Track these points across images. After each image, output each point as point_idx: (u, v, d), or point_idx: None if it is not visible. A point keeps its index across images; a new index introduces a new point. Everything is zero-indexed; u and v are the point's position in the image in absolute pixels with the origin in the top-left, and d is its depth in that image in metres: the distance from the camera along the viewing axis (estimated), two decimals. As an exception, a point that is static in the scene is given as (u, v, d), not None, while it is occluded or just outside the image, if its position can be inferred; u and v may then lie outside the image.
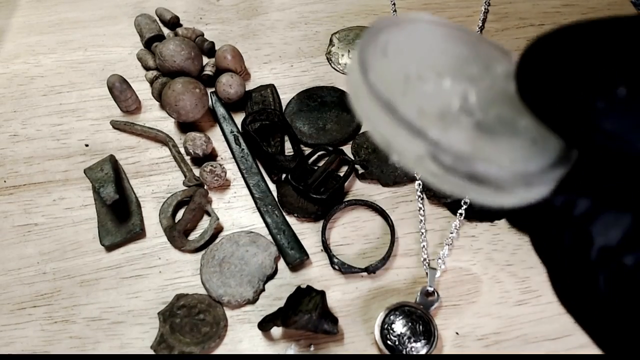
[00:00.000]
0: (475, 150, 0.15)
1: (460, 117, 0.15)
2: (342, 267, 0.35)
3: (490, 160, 0.14)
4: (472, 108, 0.16)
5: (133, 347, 0.34)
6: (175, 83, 0.41)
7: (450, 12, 0.51)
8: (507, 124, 0.16)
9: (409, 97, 0.15)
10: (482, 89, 0.16)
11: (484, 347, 0.33)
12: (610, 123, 0.12)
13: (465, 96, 0.16)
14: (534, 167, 0.15)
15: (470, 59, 0.18)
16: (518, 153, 0.15)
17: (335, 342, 0.33)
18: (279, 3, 0.52)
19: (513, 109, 0.16)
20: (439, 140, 0.14)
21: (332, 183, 0.39)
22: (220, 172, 0.39)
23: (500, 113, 0.16)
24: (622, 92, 0.12)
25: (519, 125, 0.16)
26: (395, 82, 0.16)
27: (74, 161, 0.42)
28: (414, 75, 0.16)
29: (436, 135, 0.14)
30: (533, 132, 0.15)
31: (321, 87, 0.45)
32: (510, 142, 0.15)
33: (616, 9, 0.51)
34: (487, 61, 0.18)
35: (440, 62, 0.17)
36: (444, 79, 0.16)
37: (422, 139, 0.14)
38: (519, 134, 0.16)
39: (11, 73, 0.48)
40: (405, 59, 0.17)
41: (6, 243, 0.38)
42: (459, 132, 0.15)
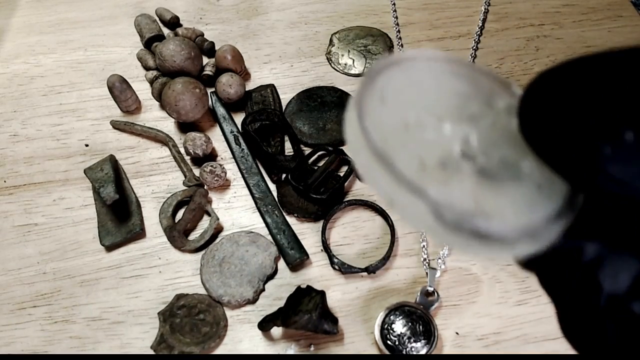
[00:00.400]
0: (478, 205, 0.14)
1: (462, 165, 0.15)
2: (342, 267, 0.35)
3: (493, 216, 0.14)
4: (474, 152, 0.15)
5: (133, 347, 0.34)
6: (175, 83, 0.41)
7: (450, 12, 0.51)
8: (511, 167, 0.15)
9: (408, 148, 0.15)
10: (484, 128, 0.16)
11: (484, 347, 0.33)
12: (617, 169, 0.12)
13: (466, 139, 0.16)
14: (539, 216, 0.14)
15: (470, 95, 0.17)
16: (522, 201, 0.15)
17: (335, 342, 0.33)
18: (279, 3, 0.52)
19: (516, 149, 0.15)
20: (440, 199, 0.14)
21: (332, 183, 0.39)
22: (220, 172, 0.39)
23: (503, 155, 0.16)
24: (630, 137, 0.12)
25: (522, 168, 0.15)
26: (394, 132, 0.16)
27: (74, 161, 0.42)
28: (413, 122, 0.16)
29: (437, 193, 0.14)
30: (537, 175, 0.15)
31: (321, 87, 0.45)
32: (514, 189, 0.15)
33: (616, 8, 0.51)
34: (488, 96, 0.17)
35: (440, 103, 0.17)
36: (444, 123, 0.16)
37: (423, 199, 0.14)
38: (522, 179, 0.15)
39: (11, 73, 0.48)
40: (404, 104, 0.16)
41: (6, 243, 0.38)
42: (461, 184, 0.15)
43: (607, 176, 0.12)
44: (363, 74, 0.47)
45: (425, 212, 0.14)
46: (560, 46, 0.48)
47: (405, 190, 0.14)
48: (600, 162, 0.12)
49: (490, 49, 0.48)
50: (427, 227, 0.14)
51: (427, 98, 0.17)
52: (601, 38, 0.49)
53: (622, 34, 0.49)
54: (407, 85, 0.17)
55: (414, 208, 0.14)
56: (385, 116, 0.16)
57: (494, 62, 0.47)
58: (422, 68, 0.18)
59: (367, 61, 0.47)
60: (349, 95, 0.45)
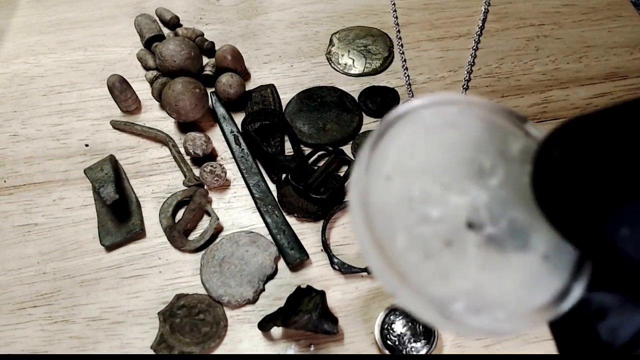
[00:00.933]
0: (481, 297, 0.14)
1: (467, 239, 0.15)
2: (342, 267, 0.35)
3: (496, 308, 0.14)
4: (482, 220, 0.15)
5: (133, 347, 0.34)
6: (175, 83, 0.41)
7: (450, 12, 0.51)
8: (519, 232, 0.15)
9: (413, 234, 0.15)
10: (494, 187, 0.16)
11: (484, 347, 0.33)
12: (633, 249, 0.12)
13: (475, 206, 0.15)
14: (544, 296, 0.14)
15: (482, 143, 0.16)
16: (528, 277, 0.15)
17: (335, 342, 0.33)
18: (279, 3, 0.52)
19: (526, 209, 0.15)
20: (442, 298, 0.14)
21: (332, 183, 0.39)
22: (220, 172, 0.39)
23: (512, 217, 0.15)
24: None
25: (531, 234, 0.15)
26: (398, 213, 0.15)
27: (74, 161, 0.42)
28: (418, 197, 0.15)
29: (437, 290, 0.14)
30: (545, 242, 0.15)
31: (321, 87, 0.45)
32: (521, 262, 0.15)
33: (616, 8, 0.51)
34: (501, 141, 0.17)
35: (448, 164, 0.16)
36: (450, 192, 0.15)
37: (425, 299, 0.14)
38: (530, 248, 0.15)
39: (11, 73, 0.48)
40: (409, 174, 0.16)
41: (6, 243, 0.38)
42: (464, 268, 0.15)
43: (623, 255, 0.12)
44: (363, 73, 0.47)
45: (427, 308, 0.14)
46: (560, 46, 0.48)
47: (407, 289, 0.14)
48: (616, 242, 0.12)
49: (490, 49, 0.48)
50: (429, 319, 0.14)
51: (433, 159, 0.16)
52: (601, 38, 0.49)
53: (622, 34, 0.49)
54: (413, 144, 0.16)
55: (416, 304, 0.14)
56: (389, 195, 0.15)
57: (494, 62, 0.47)
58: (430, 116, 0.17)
59: (367, 61, 0.47)
60: (349, 95, 0.45)
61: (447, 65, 0.47)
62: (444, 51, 0.48)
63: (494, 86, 0.46)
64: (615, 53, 0.48)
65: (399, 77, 0.46)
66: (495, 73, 0.46)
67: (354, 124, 0.43)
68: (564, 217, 0.13)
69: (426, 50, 0.48)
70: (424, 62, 0.47)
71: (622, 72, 0.46)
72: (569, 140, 0.13)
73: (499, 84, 0.46)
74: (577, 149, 0.12)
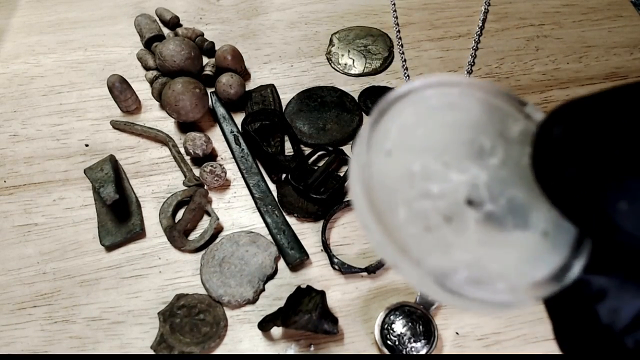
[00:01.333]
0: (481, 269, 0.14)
1: (467, 214, 0.15)
2: (342, 267, 0.35)
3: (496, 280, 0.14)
4: (482, 197, 0.15)
5: (133, 347, 0.34)
6: (175, 83, 0.41)
7: (450, 12, 0.51)
8: (518, 211, 0.15)
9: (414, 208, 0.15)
10: (494, 167, 0.16)
11: (484, 347, 0.33)
12: (631, 224, 0.12)
13: (475, 184, 0.15)
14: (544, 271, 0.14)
15: (482, 124, 0.17)
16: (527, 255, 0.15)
17: (335, 342, 0.33)
18: (279, 3, 0.52)
19: (526, 187, 0.15)
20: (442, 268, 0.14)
21: (332, 183, 0.39)
22: (220, 172, 0.39)
23: (511, 196, 0.15)
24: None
25: (530, 212, 0.15)
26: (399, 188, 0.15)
27: (74, 161, 0.42)
28: (418, 173, 0.16)
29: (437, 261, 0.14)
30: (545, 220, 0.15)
31: (321, 87, 0.45)
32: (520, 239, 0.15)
33: (616, 8, 0.51)
34: (501, 122, 0.17)
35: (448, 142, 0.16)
36: (450, 169, 0.16)
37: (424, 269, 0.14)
38: (529, 226, 0.15)
39: (11, 73, 0.48)
40: (409, 151, 0.16)
41: (6, 243, 0.38)
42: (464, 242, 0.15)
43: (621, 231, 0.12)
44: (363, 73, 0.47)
45: (427, 279, 0.14)
46: (560, 46, 0.48)
47: (408, 260, 0.14)
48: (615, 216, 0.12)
49: (490, 49, 0.48)
50: (430, 292, 0.14)
51: (434, 138, 0.16)
52: (601, 38, 0.49)
53: (622, 34, 0.49)
54: (414, 123, 0.16)
55: (415, 274, 0.14)
56: (390, 170, 0.16)
57: (494, 62, 0.47)
58: (430, 97, 0.17)
59: (367, 61, 0.47)
60: (349, 95, 0.45)
61: (447, 65, 0.47)
62: (444, 51, 0.48)
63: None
64: (615, 53, 0.48)
65: (399, 77, 0.46)
66: (495, 73, 0.46)
67: (354, 124, 0.43)
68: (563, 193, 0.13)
69: (426, 50, 0.48)
70: (424, 62, 0.47)
71: (622, 72, 0.46)
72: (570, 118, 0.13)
73: (499, 84, 0.46)
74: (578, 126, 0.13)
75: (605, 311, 0.13)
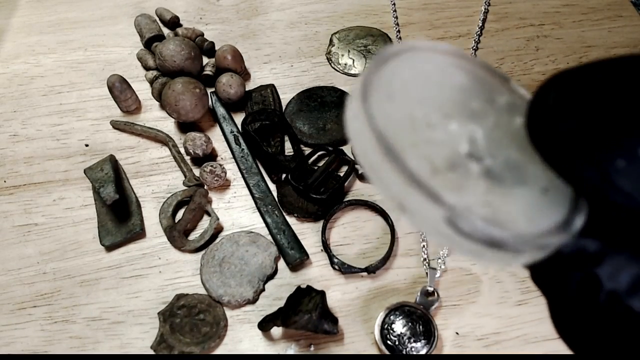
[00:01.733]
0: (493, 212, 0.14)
1: (470, 166, 0.15)
2: (342, 267, 0.35)
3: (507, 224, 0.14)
4: (480, 152, 0.15)
5: (133, 347, 0.34)
6: (175, 83, 0.41)
7: (450, 12, 0.51)
8: (516, 169, 0.15)
9: (419, 148, 0.14)
10: (488, 127, 0.16)
11: (484, 347, 0.33)
12: (628, 183, 0.12)
13: (473, 138, 0.15)
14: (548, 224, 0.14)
15: (472, 91, 0.17)
16: (531, 207, 0.14)
17: (335, 342, 0.33)
18: (279, 3, 0.52)
19: (520, 151, 0.15)
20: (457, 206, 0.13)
21: (332, 183, 0.39)
22: (220, 172, 0.39)
23: (508, 156, 0.15)
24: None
25: (527, 170, 0.15)
26: (403, 130, 0.15)
27: (74, 161, 0.42)
28: (420, 120, 0.15)
29: (452, 199, 0.13)
30: (543, 178, 0.15)
31: (321, 87, 0.45)
32: (521, 194, 0.15)
33: (616, 8, 0.51)
34: (489, 92, 0.17)
35: (446, 99, 0.16)
36: (450, 121, 0.16)
37: (439, 205, 0.13)
38: (528, 183, 0.15)
39: (11, 73, 0.48)
40: (411, 100, 0.16)
41: (6, 243, 0.38)
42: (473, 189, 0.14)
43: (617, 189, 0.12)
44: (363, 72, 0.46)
45: (439, 218, 0.13)
46: (560, 46, 0.48)
47: (420, 194, 0.13)
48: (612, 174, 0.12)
49: (490, 49, 0.48)
50: (439, 233, 0.14)
51: (432, 93, 0.16)
52: (601, 38, 0.49)
53: (622, 34, 0.49)
54: (413, 79, 0.16)
55: (427, 213, 0.13)
56: (393, 112, 0.15)
57: (494, 62, 0.47)
58: (425, 60, 0.17)
59: (367, 61, 0.47)
60: (349, 95, 0.45)
61: (447, 65, 0.47)
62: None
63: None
64: (615, 53, 0.48)
65: (399, 77, 0.46)
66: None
67: (354, 124, 0.42)
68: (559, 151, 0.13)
69: (426, 50, 0.48)
70: (424, 62, 0.47)
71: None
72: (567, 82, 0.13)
73: (499, 84, 0.46)
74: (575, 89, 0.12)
75: (606, 275, 0.13)
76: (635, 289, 0.13)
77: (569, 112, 0.12)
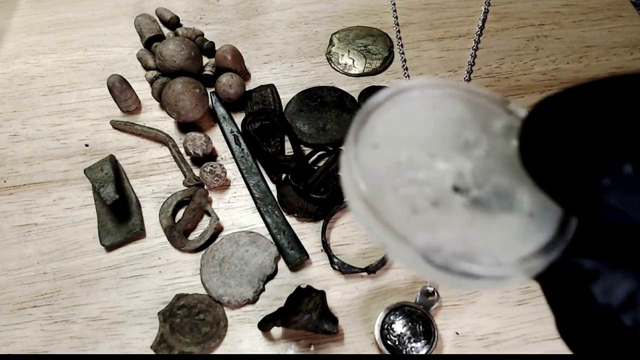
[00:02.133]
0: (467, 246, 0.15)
1: (453, 199, 0.16)
2: (342, 267, 0.35)
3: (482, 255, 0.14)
4: (467, 185, 0.16)
5: (133, 347, 0.34)
6: (175, 83, 0.41)
7: (450, 12, 0.51)
8: (504, 195, 0.16)
9: (400, 192, 0.16)
10: (478, 157, 0.16)
11: (484, 347, 0.33)
12: (615, 199, 0.12)
13: (460, 172, 0.16)
14: (530, 248, 0.15)
15: (466, 121, 0.17)
16: (514, 233, 0.15)
17: (335, 342, 0.33)
18: (279, 3, 0.52)
19: (511, 175, 0.16)
20: (428, 245, 0.14)
21: (332, 183, 0.39)
22: (220, 172, 0.39)
23: (497, 182, 0.16)
24: (628, 170, 0.12)
25: (515, 196, 0.16)
26: (386, 175, 0.16)
27: (74, 161, 0.42)
28: (405, 163, 0.16)
29: (424, 239, 0.15)
30: (530, 203, 0.16)
31: (321, 87, 0.45)
32: (506, 220, 0.15)
33: (616, 8, 0.51)
34: (484, 118, 0.17)
35: (433, 137, 0.17)
36: (436, 159, 0.16)
37: (411, 246, 0.14)
38: (515, 209, 0.16)
39: (11, 73, 0.48)
40: (396, 144, 0.17)
41: (6, 243, 0.38)
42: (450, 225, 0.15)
43: (605, 206, 0.12)
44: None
45: (414, 256, 0.15)
46: (560, 46, 0.48)
47: (394, 237, 0.15)
48: (599, 192, 0.12)
49: (490, 49, 0.48)
50: (418, 269, 0.15)
51: (419, 133, 0.17)
52: (601, 38, 0.49)
53: (622, 34, 0.49)
54: (400, 121, 0.17)
55: (403, 253, 0.15)
56: (377, 161, 0.16)
57: (494, 62, 0.47)
58: (415, 98, 0.18)
59: (367, 61, 0.47)
60: (349, 95, 0.45)
61: (447, 65, 0.47)
62: (444, 51, 0.48)
63: (494, 86, 0.46)
64: (615, 53, 0.48)
65: (399, 77, 0.46)
66: (495, 73, 0.46)
67: (354, 124, 0.43)
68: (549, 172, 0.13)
69: (426, 50, 0.48)
70: (424, 62, 0.47)
71: (622, 72, 0.46)
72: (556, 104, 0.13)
73: (499, 84, 0.46)
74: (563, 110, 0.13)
75: (599, 290, 0.14)
76: (628, 305, 0.13)
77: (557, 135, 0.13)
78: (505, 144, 0.17)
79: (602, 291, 0.14)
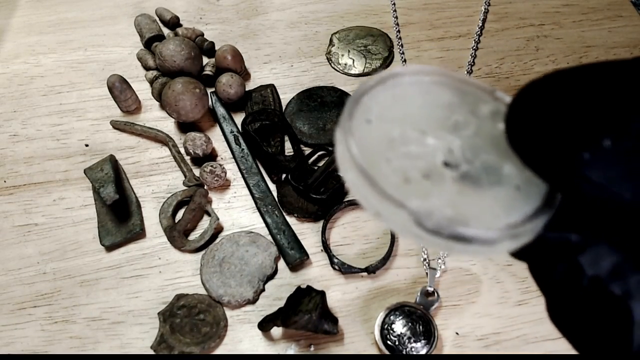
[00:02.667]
0: (457, 211, 0.16)
1: (444, 173, 0.16)
2: (342, 267, 0.35)
3: (471, 220, 0.15)
4: (457, 160, 0.17)
5: (133, 347, 0.34)
6: (175, 83, 0.41)
7: (450, 12, 0.51)
8: (492, 170, 0.17)
9: (393, 164, 0.16)
10: (467, 137, 0.17)
11: (484, 347, 0.33)
12: (596, 173, 0.13)
13: (450, 149, 0.17)
14: (517, 217, 0.15)
15: (455, 105, 0.18)
16: (502, 203, 0.16)
17: (335, 342, 0.33)
18: (279, 3, 0.52)
19: (498, 153, 0.17)
20: (420, 209, 0.15)
21: (332, 183, 0.39)
22: (220, 172, 0.39)
23: (485, 159, 0.17)
24: (607, 144, 0.13)
25: (503, 171, 0.17)
26: (379, 149, 0.17)
27: (74, 161, 0.42)
28: (397, 138, 0.17)
29: (417, 204, 0.15)
30: (517, 177, 0.16)
31: (321, 87, 0.45)
32: (495, 192, 0.16)
33: (616, 8, 0.51)
34: (472, 104, 0.19)
35: (424, 117, 0.18)
36: (427, 136, 0.17)
37: (404, 210, 0.15)
38: (503, 182, 0.16)
39: (11, 73, 0.48)
40: (389, 121, 0.18)
41: (6, 243, 0.38)
42: (441, 193, 0.16)
43: (586, 179, 0.13)
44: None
45: (407, 221, 0.15)
46: (560, 46, 0.48)
47: (388, 203, 0.15)
48: (580, 166, 0.13)
49: (490, 49, 0.48)
50: (410, 234, 0.16)
51: (411, 113, 0.18)
52: (601, 38, 0.49)
53: (622, 34, 0.49)
54: (392, 103, 0.18)
55: (397, 218, 0.16)
56: (371, 135, 0.17)
57: (494, 62, 0.47)
58: (407, 83, 0.19)
59: (367, 61, 0.47)
60: (349, 95, 0.45)
61: (447, 65, 0.47)
62: (444, 51, 0.48)
63: (494, 86, 0.46)
64: (615, 53, 0.48)
65: (399, 77, 0.46)
66: (495, 73, 0.46)
67: (354, 124, 0.43)
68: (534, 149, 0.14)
69: (426, 50, 0.48)
70: (424, 62, 0.47)
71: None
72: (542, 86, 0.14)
73: (499, 84, 0.46)
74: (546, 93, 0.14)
75: (587, 262, 0.14)
76: (615, 275, 0.14)
77: (540, 115, 0.14)
78: (492, 126, 0.18)
79: (590, 263, 0.14)
